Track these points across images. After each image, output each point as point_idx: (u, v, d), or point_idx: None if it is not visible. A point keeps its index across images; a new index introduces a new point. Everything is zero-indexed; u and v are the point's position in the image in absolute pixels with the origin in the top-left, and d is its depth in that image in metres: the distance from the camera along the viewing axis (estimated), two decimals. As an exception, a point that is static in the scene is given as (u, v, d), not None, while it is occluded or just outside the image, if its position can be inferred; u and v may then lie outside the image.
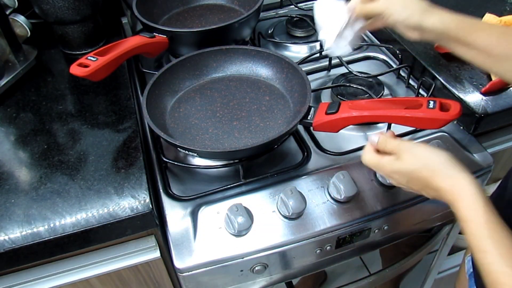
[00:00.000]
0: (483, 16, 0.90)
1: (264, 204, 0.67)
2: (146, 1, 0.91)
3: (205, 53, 0.81)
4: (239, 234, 0.64)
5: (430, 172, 0.52)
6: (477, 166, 0.73)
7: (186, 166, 0.73)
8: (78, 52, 0.93)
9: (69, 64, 0.72)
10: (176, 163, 0.72)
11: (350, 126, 0.75)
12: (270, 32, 1.03)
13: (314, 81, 0.89)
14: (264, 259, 0.67)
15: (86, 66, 0.69)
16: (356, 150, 0.74)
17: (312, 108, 0.68)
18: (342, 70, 0.88)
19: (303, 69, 0.77)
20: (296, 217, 0.66)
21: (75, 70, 0.69)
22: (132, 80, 0.89)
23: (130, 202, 0.63)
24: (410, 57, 0.86)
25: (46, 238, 0.60)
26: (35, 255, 0.62)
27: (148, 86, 0.72)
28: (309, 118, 0.67)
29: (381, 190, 0.70)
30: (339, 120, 0.64)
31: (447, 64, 0.83)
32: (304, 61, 0.90)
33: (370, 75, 0.84)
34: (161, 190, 0.69)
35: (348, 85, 0.83)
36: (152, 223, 0.65)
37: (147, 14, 0.88)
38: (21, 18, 0.88)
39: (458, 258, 1.27)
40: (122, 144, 0.72)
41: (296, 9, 1.06)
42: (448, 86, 0.79)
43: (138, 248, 0.70)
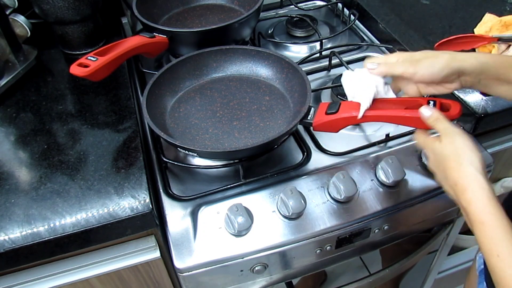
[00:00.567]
0: (483, 16, 0.90)
1: (264, 204, 0.67)
2: (146, 1, 0.91)
3: (205, 53, 0.81)
4: (239, 234, 0.64)
5: (456, 164, 0.51)
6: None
7: (186, 166, 0.73)
8: (78, 52, 0.93)
9: (69, 64, 0.72)
10: (176, 163, 0.72)
11: (350, 126, 0.75)
12: (270, 32, 1.03)
13: (314, 81, 0.89)
14: (264, 259, 0.67)
15: (86, 66, 0.69)
16: (356, 150, 0.74)
17: (312, 108, 0.68)
18: (342, 70, 0.87)
19: (303, 69, 0.76)
20: (296, 217, 0.66)
21: (75, 70, 0.69)
22: (132, 80, 0.89)
23: (130, 202, 0.63)
24: (410, 57, 0.86)
25: (46, 238, 0.60)
26: (35, 255, 0.62)
27: (148, 86, 0.72)
28: (309, 118, 0.67)
29: (381, 190, 0.70)
30: (339, 120, 0.64)
31: (447, 64, 0.83)
32: (304, 61, 0.90)
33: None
34: (161, 190, 0.69)
35: (348, 85, 0.83)
36: (152, 223, 0.65)
37: (147, 14, 0.88)
38: (21, 18, 0.88)
39: (458, 258, 1.27)
40: (122, 144, 0.72)
41: (296, 9, 1.06)
42: (448, 86, 0.79)
43: (138, 248, 0.70)
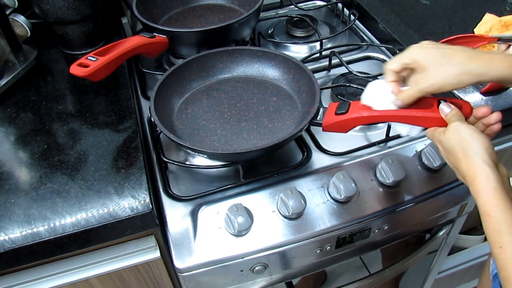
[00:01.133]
0: (483, 16, 0.90)
1: (264, 204, 0.67)
2: (146, 1, 0.91)
3: (211, 54, 0.80)
4: (239, 234, 0.64)
5: (463, 155, 0.51)
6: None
7: (186, 166, 0.73)
8: (78, 52, 0.93)
9: (69, 64, 0.72)
10: (176, 163, 0.72)
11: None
12: (270, 32, 1.03)
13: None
14: (264, 259, 0.67)
15: (86, 66, 0.69)
16: (356, 150, 0.74)
17: (321, 108, 0.68)
18: (342, 70, 0.88)
19: (303, 69, 0.76)
20: (296, 217, 0.66)
21: (75, 70, 0.69)
22: (132, 80, 0.89)
23: (130, 202, 0.63)
24: (410, 57, 0.86)
25: (46, 238, 0.60)
26: (35, 255, 0.62)
27: (155, 88, 0.72)
28: (318, 119, 0.66)
29: (381, 190, 0.70)
30: (349, 120, 0.63)
31: (447, 64, 0.83)
32: (304, 61, 0.90)
33: (370, 75, 0.84)
34: (161, 190, 0.69)
35: (348, 85, 0.83)
36: (152, 223, 0.65)
37: (147, 14, 0.88)
38: (21, 18, 0.88)
39: (458, 258, 1.27)
40: (122, 144, 0.72)
41: (296, 9, 1.06)
42: (448, 86, 0.78)
43: (138, 248, 0.70)
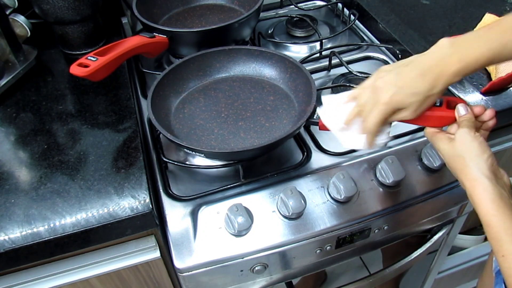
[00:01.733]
0: (483, 16, 0.90)
1: (264, 204, 0.67)
2: (146, 1, 0.91)
3: (208, 53, 0.81)
4: (239, 234, 0.64)
5: (462, 165, 0.52)
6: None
7: (186, 166, 0.73)
8: (78, 52, 0.93)
9: (69, 64, 0.72)
10: (176, 163, 0.72)
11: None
12: (270, 32, 1.03)
13: (314, 81, 0.89)
14: (264, 259, 0.67)
15: (86, 66, 0.69)
16: (356, 150, 0.74)
17: (317, 107, 0.68)
18: (342, 70, 0.88)
19: (303, 69, 0.76)
20: (296, 217, 0.66)
21: (75, 70, 0.69)
22: (132, 80, 0.89)
23: (130, 202, 0.63)
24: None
25: (46, 238, 0.60)
26: (35, 255, 0.62)
27: (152, 87, 0.72)
28: (315, 118, 0.67)
29: (381, 190, 0.70)
30: None
31: (447, 64, 0.83)
32: (304, 61, 0.90)
33: (370, 75, 0.84)
34: (161, 190, 0.69)
35: (348, 85, 0.83)
36: (152, 223, 0.65)
37: (147, 14, 0.88)
38: (21, 18, 0.88)
39: (458, 258, 1.27)
40: (122, 144, 0.72)
41: (296, 9, 1.06)
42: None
43: (138, 248, 0.70)
